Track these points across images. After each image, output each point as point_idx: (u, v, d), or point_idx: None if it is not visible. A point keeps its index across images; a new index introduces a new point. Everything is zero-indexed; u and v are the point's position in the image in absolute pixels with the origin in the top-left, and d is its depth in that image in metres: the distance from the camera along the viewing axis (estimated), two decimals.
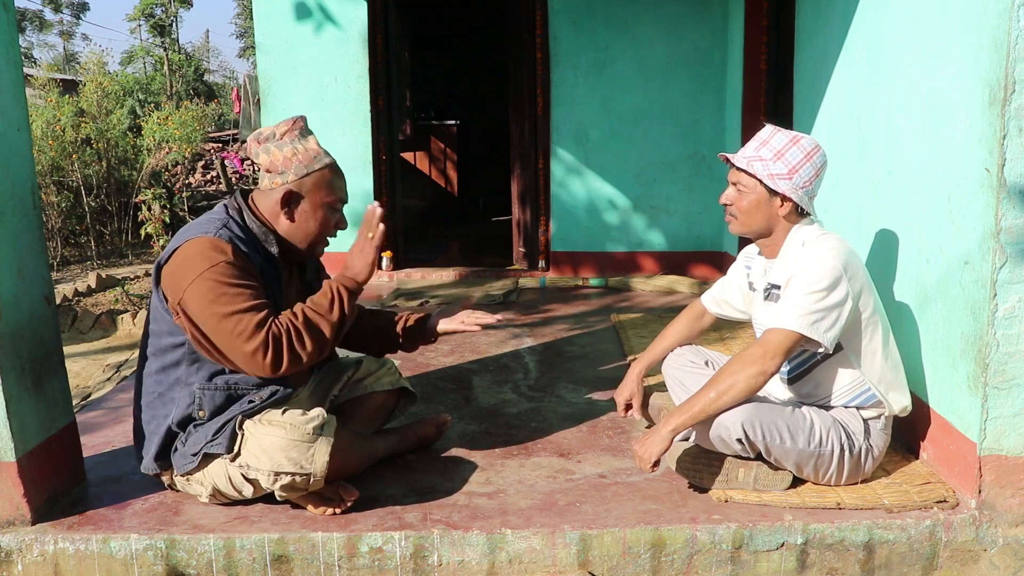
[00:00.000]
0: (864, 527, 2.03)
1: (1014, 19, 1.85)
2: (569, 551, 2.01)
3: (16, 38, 2.12)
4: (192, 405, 2.06)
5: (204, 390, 2.06)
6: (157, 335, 2.09)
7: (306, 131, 2.16)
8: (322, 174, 2.13)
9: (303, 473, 1.98)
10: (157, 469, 2.14)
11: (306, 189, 2.12)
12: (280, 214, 2.14)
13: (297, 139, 2.12)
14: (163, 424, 2.08)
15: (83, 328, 5.44)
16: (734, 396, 2.03)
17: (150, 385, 2.11)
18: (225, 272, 1.96)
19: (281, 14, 5.07)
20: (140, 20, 36.08)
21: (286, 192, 2.11)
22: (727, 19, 5.05)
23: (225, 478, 2.05)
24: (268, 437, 2.00)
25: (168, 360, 2.08)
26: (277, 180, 2.12)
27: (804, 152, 2.11)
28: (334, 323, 2.05)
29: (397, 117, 5.79)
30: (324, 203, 2.14)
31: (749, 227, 2.20)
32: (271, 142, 2.12)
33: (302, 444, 1.99)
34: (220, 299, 1.93)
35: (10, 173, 2.06)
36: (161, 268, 2.03)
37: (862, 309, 2.11)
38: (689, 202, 5.24)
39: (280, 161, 2.11)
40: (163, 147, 9.12)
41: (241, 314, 1.94)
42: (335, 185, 2.16)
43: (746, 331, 3.71)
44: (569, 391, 3.12)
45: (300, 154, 2.11)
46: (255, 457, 2.00)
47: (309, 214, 2.14)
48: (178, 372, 2.07)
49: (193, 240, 2.00)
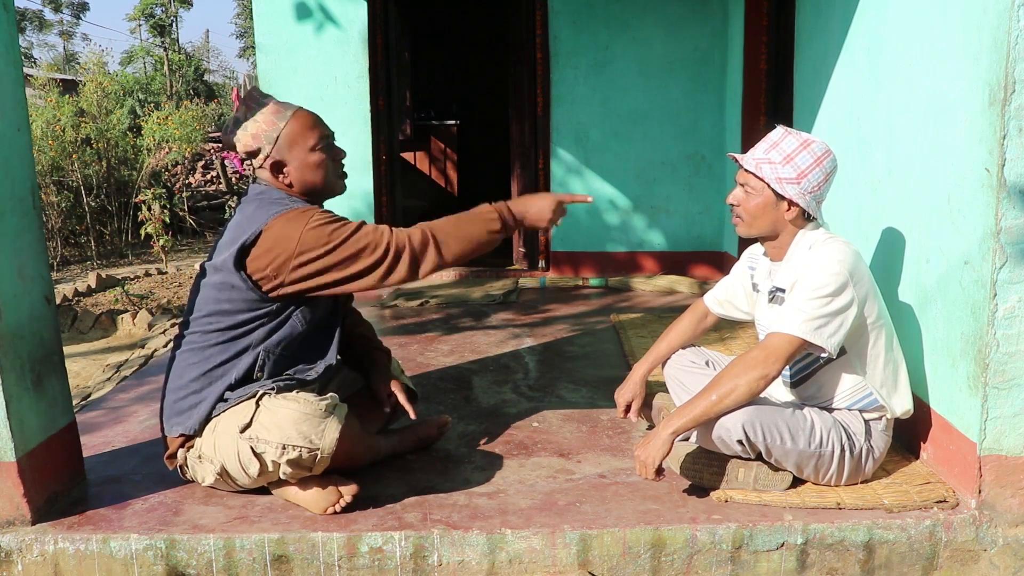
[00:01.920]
0: (864, 527, 2.03)
1: (1014, 19, 1.85)
2: (569, 551, 2.01)
3: (16, 38, 2.12)
4: (253, 366, 2.13)
5: (270, 354, 2.14)
6: (230, 314, 2.12)
7: (258, 98, 2.18)
8: (290, 127, 2.16)
9: (312, 448, 2.00)
10: (197, 429, 2.13)
11: (284, 149, 2.16)
12: (280, 182, 2.19)
13: (254, 110, 2.16)
14: (221, 386, 2.12)
15: (83, 328, 5.44)
16: (735, 400, 2.03)
17: (212, 355, 2.14)
18: (326, 216, 2.08)
19: (281, 14, 5.07)
20: (140, 20, 36.06)
21: (271, 164, 2.16)
22: (727, 19, 5.05)
23: (235, 455, 2.05)
24: (282, 410, 2.03)
25: (240, 331, 2.13)
26: (259, 157, 2.17)
27: (814, 157, 2.10)
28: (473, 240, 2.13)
29: (397, 117, 5.79)
30: (308, 148, 2.17)
31: (755, 229, 2.19)
32: (237, 127, 2.17)
33: (314, 419, 2.02)
34: (335, 233, 2.04)
35: (10, 173, 2.06)
36: (245, 250, 2.07)
37: (867, 314, 2.10)
38: (689, 202, 5.24)
39: (251, 142, 2.16)
40: (163, 147, 9.12)
41: (357, 231, 2.06)
42: (307, 127, 2.18)
43: (746, 331, 3.71)
44: (569, 391, 3.12)
45: (262, 123, 2.15)
46: (266, 429, 2.02)
47: (302, 166, 2.17)
48: (249, 339, 2.13)
49: (277, 216, 2.07)
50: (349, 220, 2.11)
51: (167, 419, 2.19)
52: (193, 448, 2.15)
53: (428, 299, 4.66)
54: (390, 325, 4.20)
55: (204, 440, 2.12)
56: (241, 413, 2.06)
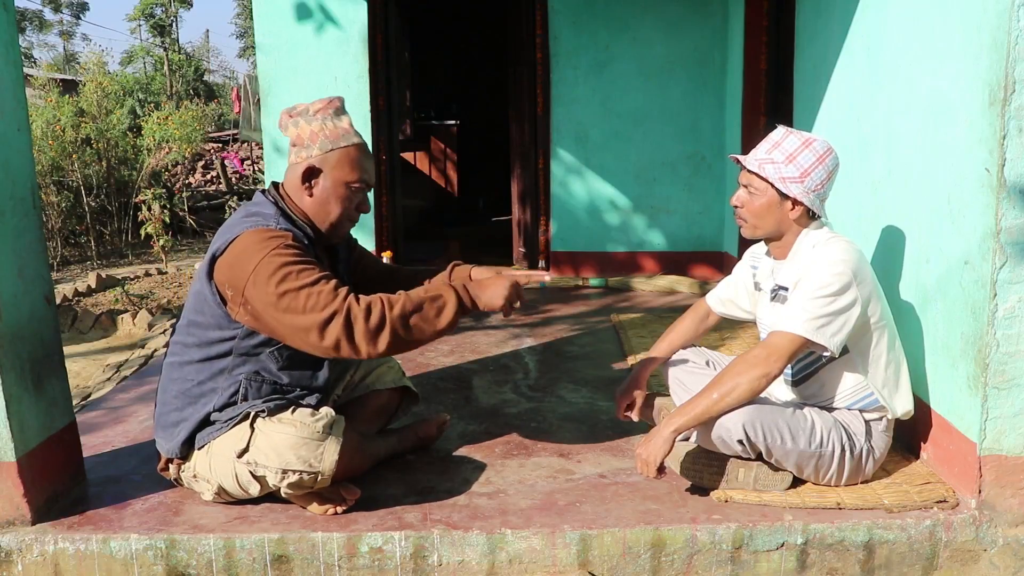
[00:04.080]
0: (864, 527, 2.03)
1: (1014, 19, 1.85)
2: (569, 551, 2.01)
3: (16, 38, 2.12)
4: (236, 395, 2.06)
5: (251, 381, 2.07)
6: (203, 327, 2.07)
7: (341, 111, 2.14)
8: (347, 151, 2.10)
9: (311, 471, 1.99)
10: (180, 454, 2.12)
11: (328, 165, 2.09)
12: (302, 190, 2.11)
13: (330, 117, 2.10)
14: (201, 411, 2.08)
15: (83, 328, 5.44)
16: (737, 398, 2.03)
17: (189, 373, 2.10)
18: (288, 252, 1.94)
19: (281, 14, 5.06)
20: (140, 20, 36.06)
21: (308, 166, 2.09)
22: (727, 19, 5.05)
23: (232, 476, 2.05)
24: (278, 435, 2.00)
25: (214, 352, 2.07)
26: (302, 154, 2.10)
27: (816, 155, 2.10)
28: (431, 332, 1.98)
29: (397, 117, 5.78)
30: (346, 181, 2.10)
31: (760, 230, 2.19)
32: (302, 116, 2.10)
33: (312, 442, 1.99)
34: (288, 277, 1.91)
35: (10, 173, 2.06)
36: (215, 260, 2.02)
37: (870, 314, 2.10)
38: (689, 202, 5.24)
39: (307, 135, 2.09)
40: (163, 147, 9.11)
41: (311, 287, 1.90)
42: (360, 165, 2.12)
43: (747, 331, 3.71)
44: (569, 391, 3.11)
45: (328, 130, 2.09)
46: (264, 454, 2.00)
47: (330, 191, 2.10)
48: (223, 363, 2.07)
49: (250, 231, 1.99)
50: (315, 267, 1.96)
51: (156, 431, 2.19)
52: (187, 467, 2.14)
53: None
54: None
55: (198, 461, 2.10)
56: (236, 436, 2.03)
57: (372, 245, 5.29)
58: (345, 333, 1.89)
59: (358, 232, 5.21)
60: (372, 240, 5.28)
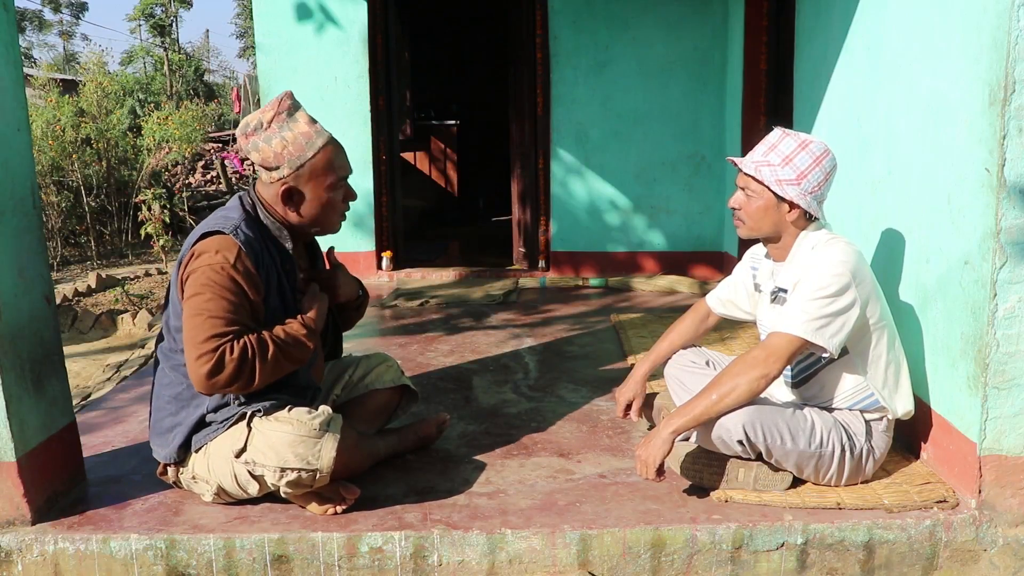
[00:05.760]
0: (864, 527, 2.03)
1: (1014, 19, 1.85)
2: (569, 551, 2.01)
3: (16, 38, 2.12)
4: (226, 396, 2.06)
5: None
6: (179, 330, 2.07)
7: (294, 109, 2.10)
8: (316, 161, 2.08)
9: (310, 469, 1.99)
10: (176, 458, 2.12)
11: (303, 181, 2.08)
12: (287, 210, 2.12)
13: (285, 124, 2.07)
14: (195, 413, 2.08)
15: (83, 328, 5.44)
16: (736, 399, 2.03)
17: (180, 377, 2.10)
18: (221, 274, 1.95)
19: (281, 14, 5.07)
20: (140, 20, 36.04)
21: (285, 190, 2.09)
22: (727, 19, 5.05)
23: (231, 476, 2.05)
24: (275, 433, 2.00)
25: None
26: (274, 176, 2.08)
27: (813, 157, 2.10)
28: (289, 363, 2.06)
29: (397, 117, 5.78)
30: (325, 186, 2.11)
31: (758, 232, 2.19)
32: (259, 135, 2.07)
33: (309, 440, 2.00)
34: (200, 297, 1.94)
35: (10, 173, 2.06)
36: (181, 265, 2.04)
37: (869, 315, 2.10)
38: (689, 202, 5.24)
39: (271, 156, 2.06)
40: (163, 147, 9.11)
41: (208, 318, 1.93)
42: (334, 164, 2.11)
43: (747, 331, 3.71)
44: (569, 391, 3.11)
45: (290, 144, 2.06)
46: (262, 453, 2.00)
47: (314, 203, 2.11)
48: None
49: (210, 237, 2.01)
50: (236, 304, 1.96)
51: (151, 436, 2.20)
52: (185, 469, 2.14)
53: (428, 299, 4.66)
54: (390, 325, 4.20)
55: (196, 462, 2.11)
56: (233, 437, 2.03)
57: (372, 245, 5.30)
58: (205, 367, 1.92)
59: (359, 232, 5.23)
60: (372, 240, 5.29)
